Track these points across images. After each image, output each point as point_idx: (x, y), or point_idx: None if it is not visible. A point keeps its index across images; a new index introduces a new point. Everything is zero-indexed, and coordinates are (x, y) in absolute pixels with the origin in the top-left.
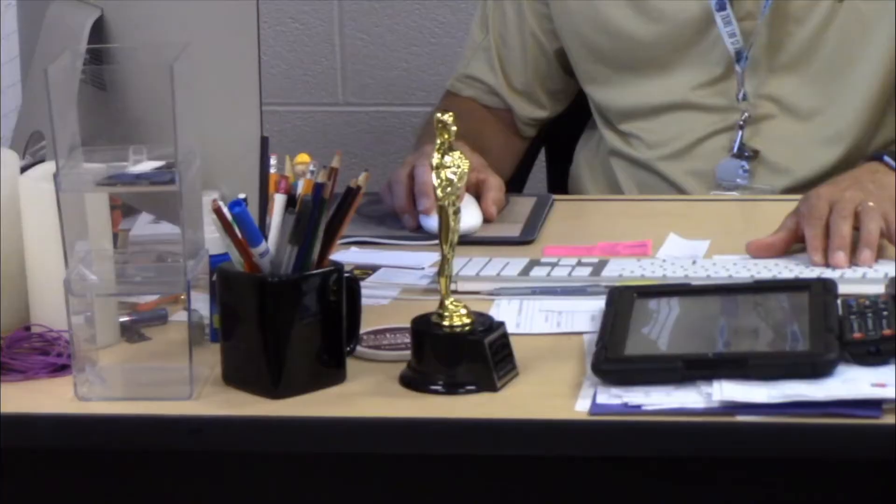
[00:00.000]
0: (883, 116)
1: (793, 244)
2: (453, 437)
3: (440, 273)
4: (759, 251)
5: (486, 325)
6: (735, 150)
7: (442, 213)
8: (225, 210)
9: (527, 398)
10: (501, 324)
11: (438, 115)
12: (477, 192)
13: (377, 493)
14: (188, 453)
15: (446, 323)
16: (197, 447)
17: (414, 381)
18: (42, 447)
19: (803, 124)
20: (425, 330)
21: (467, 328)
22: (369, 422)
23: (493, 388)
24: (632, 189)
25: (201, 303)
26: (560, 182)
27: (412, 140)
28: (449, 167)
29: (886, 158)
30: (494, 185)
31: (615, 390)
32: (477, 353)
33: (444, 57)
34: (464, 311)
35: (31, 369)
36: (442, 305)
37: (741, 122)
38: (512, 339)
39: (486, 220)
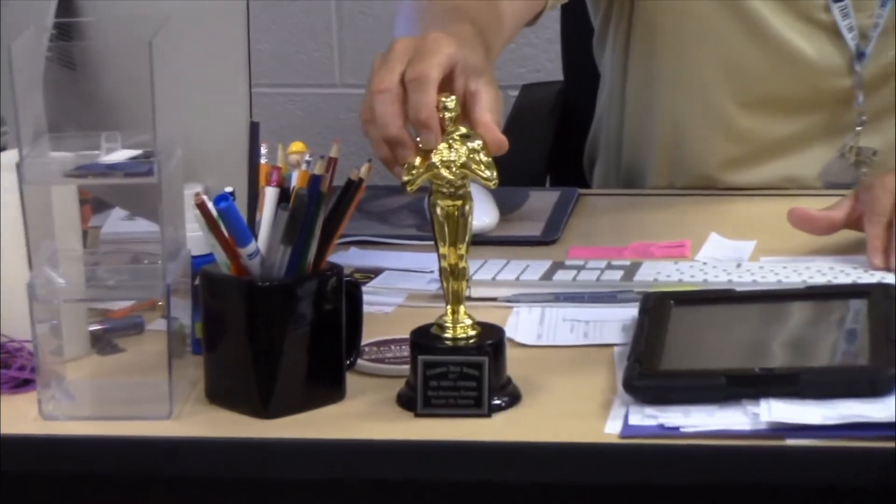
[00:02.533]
0: None
1: (840, 228)
2: (465, 462)
3: (441, 276)
4: (799, 221)
5: (494, 340)
6: (848, 152)
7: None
8: (209, 205)
9: (549, 419)
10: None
11: (442, 97)
12: (464, 105)
13: None
14: (167, 479)
15: (448, 335)
16: (177, 472)
17: (412, 400)
18: (3, 471)
19: None
20: (423, 343)
21: (472, 341)
22: (370, 445)
23: (484, 414)
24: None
25: (182, 310)
26: (584, 175)
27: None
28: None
29: None
30: (487, 102)
31: (650, 410)
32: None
33: None
34: (468, 322)
35: None
36: (445, 315)
37: (859, 127)
38: (533, 353)
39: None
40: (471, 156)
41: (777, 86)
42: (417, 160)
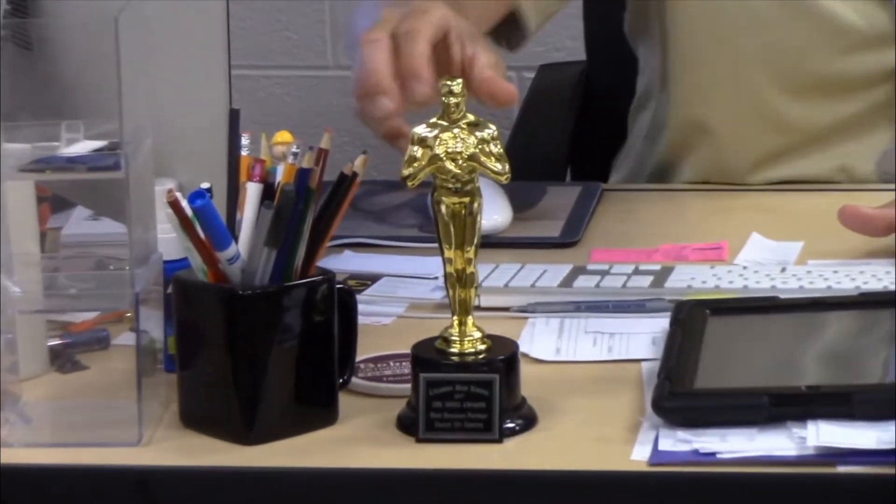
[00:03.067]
0: None
1: None
2: (473, 493)
3: (446, 283)
4: (851, 220)
5: (506, 355)
6: None
7: (436, 201)
8: (183, 203)
9: (569, 444)
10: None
11: (446, 80)
12: (463, 72)
13: None
14: None
15: (454, 350)
16: None
17: (414, 423)
18: None
19: None
20: (425, 359)
21: (481, 357)
22: (366, 474)
23: (495, 439)
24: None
25: (153, 322)
26: (608, 165)
27: (421, 119)
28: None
29: None
30: (486, 61)
31: (682, 434)
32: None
33: None
34: (477, 335)
35: None
36: (451, 327)
37: None
38: (551, 370)
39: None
40: (480, 147)
41: (821, 63)
42: (420, 152)
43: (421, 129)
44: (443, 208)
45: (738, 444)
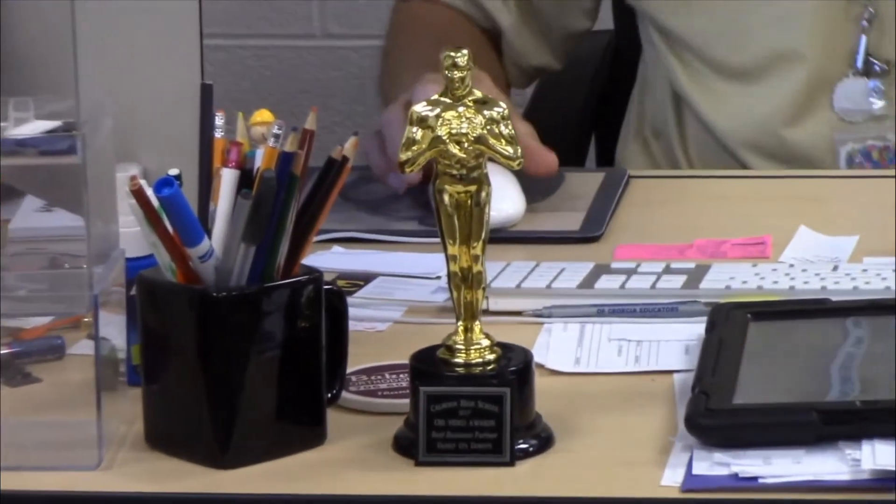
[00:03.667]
0: None
1: None
2: None
3: (450, 284)
4: None
5: (518, 366)
6: (859, 63)
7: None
8: (149, 192)
9: (589, 467)
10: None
11: (450, 52)
12: None
13: None
14: None
15: (459, 360)
16: None
17: (413, 444)
18: None
19: None
20: (426, 370)
21: (489, 368)
22: (358, 502)
23: (505, 462)
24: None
25: (114, 328)
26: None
27: None
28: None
29: None
30: (524, 131)
31: (720, 456)
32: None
33: None
34: (485, 343)
35: None
36: (455, 334)
37: (865, 22)
38: (570, 382)
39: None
40: (488, 127)
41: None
42: (419, 133)
43: (420, 108)
44: (446, 198)
45: (783, 468)
